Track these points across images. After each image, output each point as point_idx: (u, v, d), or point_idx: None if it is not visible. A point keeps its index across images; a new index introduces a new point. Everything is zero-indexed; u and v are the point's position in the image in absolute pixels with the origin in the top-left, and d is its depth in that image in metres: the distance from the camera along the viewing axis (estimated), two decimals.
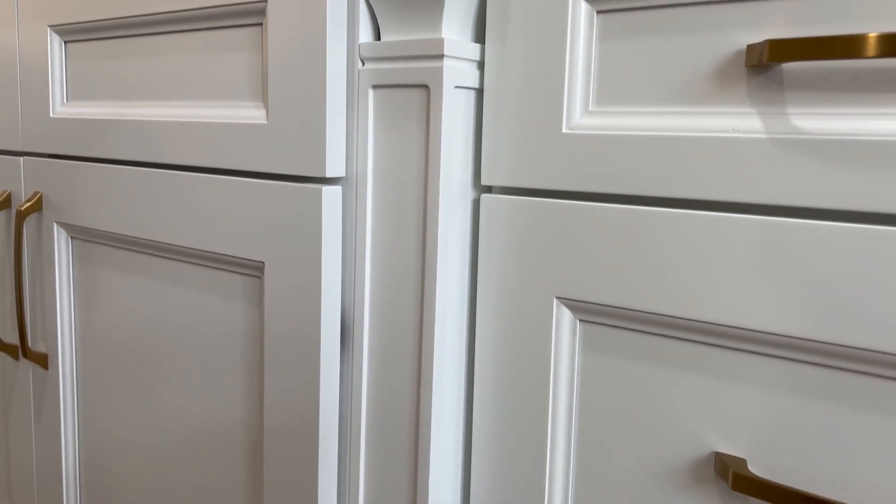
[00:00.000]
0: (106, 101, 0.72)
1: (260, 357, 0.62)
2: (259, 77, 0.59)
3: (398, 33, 0.53)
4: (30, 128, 0.79)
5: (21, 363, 0.85)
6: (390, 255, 0.55)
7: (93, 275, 0.76)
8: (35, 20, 0.76)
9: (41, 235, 0.80)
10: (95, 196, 0.73)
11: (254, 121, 0.59)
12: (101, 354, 0.77)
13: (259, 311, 0.61)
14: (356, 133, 0.55)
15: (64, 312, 0.79)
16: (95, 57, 0.73)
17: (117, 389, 0.76)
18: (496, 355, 0.54)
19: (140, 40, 0.68)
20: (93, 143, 0.72)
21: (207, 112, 0.63)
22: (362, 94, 0.54)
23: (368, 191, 0.55)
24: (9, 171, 0.83)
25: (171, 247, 0.67)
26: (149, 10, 0.65)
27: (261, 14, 0.58)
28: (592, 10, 0.48)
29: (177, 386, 0.70)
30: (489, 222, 0.53)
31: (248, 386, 0.63)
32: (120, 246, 0.73)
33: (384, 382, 0.56)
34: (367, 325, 0.56)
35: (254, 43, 0.59)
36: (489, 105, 0.52)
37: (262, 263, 0.60)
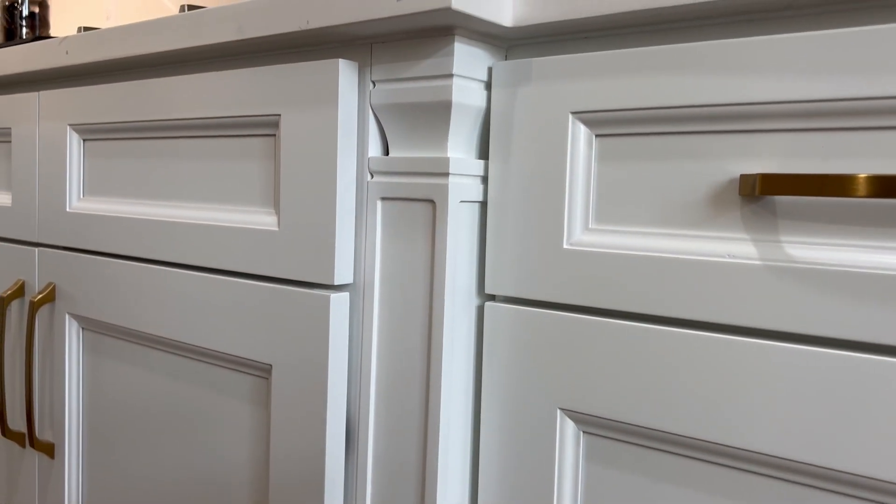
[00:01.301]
0: (121, 199, 0.74)
1: (265, 456, 0.62)
2: (271, 185, 0.61)
3: (406, 149, 0.55)
4: (46, 220, 0.81)
5: (27, 451, 0.86)
6: (396, 360, 0.56)
7: (101, 366, 0.77)
8: (56, 118, 0.79)
9: (53, 325, 0.81)
10: (107, 290, 0.75)
11: (265, 227, 0.60)
12: (107, 446, 0.77)
13: (266, 411, 0.62)
14: (364, 242, 0.57)
15: (72, 402, 0.80)
16: (112, 155, 0.75)
17: (122, 481, 0.76)
18: (500, 464, 0.54)
19: (156, 142, 0.71)
20: (106, 238, 0.74)
21: (220, 215, 0.65)
22: (371, 205, 0.56)
23: (375, 297, 0.57)
24: (24, 261, 0.85)
25: (181, 344, 0.68)
26: (166, 116, 0.68)
27: (274, 126, 0.60)
28: (591, 133, 0.50)
29: (184, 481, 0.70)
30: (493, 330, 0.54)
31: (252, 480, 0.64)
32: (130, 339, 0.74)
33: (387, 488, 0.56)
34: (372, 429, 0.57)
35: (267, 152, 0.61)
36: (492, 218, 0.54)
37: (270, 366, 0.61)
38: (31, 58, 0.79)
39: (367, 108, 0.57)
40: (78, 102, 0.76)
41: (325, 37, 0.56)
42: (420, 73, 0.53)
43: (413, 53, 0.53)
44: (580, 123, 0.50)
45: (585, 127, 0.50)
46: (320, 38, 0.57)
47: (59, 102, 0.79)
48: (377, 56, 0.56)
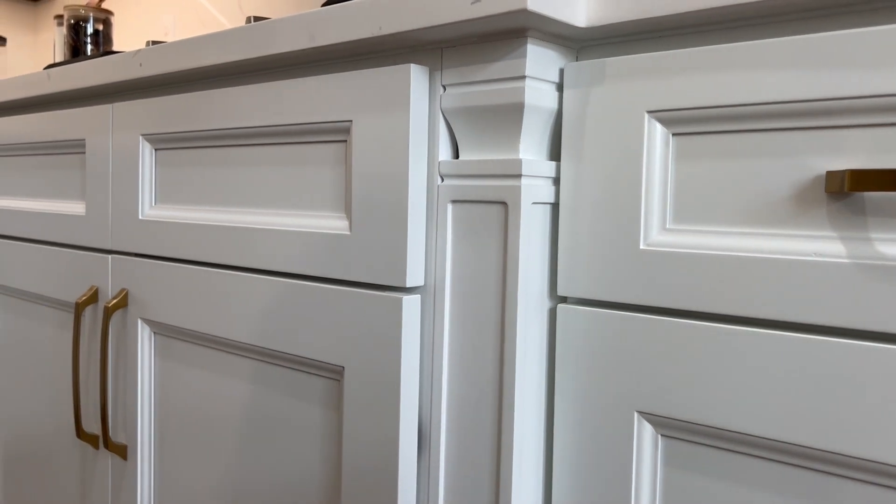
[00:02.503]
0: (192, 206, 0.76)
1: (337, 457, 0.63)
2: (342, 190, 0.62)
3: (477, 152, 0.55)
4: (119, 228, 0.84)
5: (100, 452, 0.88)
6: (468, 363, 0.56)
7: (173, 369, 0.79)
8: (128, 129, 0.82)
9: (125, 330, 0.83)
10: (179, 295, 0.76)
11: (337, 231, 0.61)
12: (178, 447, 0.79)
13: (337, 413, 0.63)
14: (434, 244, 0.57)
15: (144, 405, 0.82)
16: (183, 164, 0.77)
17: (193, 482, 0.77)
18: (575, 468, 0.54)
19: (226, 150, 0.72)
20: (178, 244, 0.76)
21: (291, 220, 0.66)
22: (441, 208, 0.57)
23: (446, 299, 0.57)
24: (97, 268, 0.87)
25: (252, 347, 0.70)
26: (237, 124, 0.69)
27: (345, 132, 0.61)
28: (668, 132, 0.50)
29: (254, 482, 0.71)
30: (566, 333, 0.54)
31: (324, 482, 0.64)
32: (200, 343, 0.76)
33: (460, 491, 0.56)
34: (445, 432, 0.57)
35: (338, 157, 0.62)
36: (565, 220, 0.54)
37: (342, 368, 0.61)
38: (105, 71, 0.81)
39: (437, 112, 0.57)
40: (150, 113, 0.79)
41: (396, 43, 0.57)
42: (491, 75, 0.53)
43: (484, 56, 0.54)
44: (656, 122, 0.50)
45: (662, 126, 0.50)
46: (391, 44, 0.58)
47: (131, 113, 0.81)
48: (447, 60, 0.56)
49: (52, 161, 0.97)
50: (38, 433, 1.02)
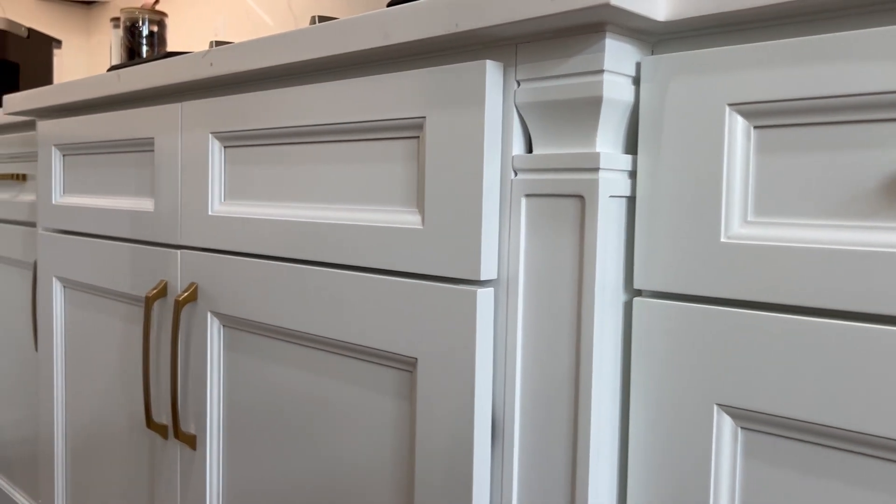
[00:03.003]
0: (261, 202, 0.78)
1: (408, 450, 0.64)
2: (414, 185, 0.63)
3: (551, 146, 0.56)
4: (188, 224, 0.86)
5: (169, 443, 0.91)
6: (542, 355, 0.56)
7: (241, 361, 0.81)
8: (198, 127, 0.84)
9: (194, 323, 0.86)
10: (248, 288, 0.78)
11: (409, 225, 0.62)
12: (247, 438, 0.81)
13: (409, 404, 0.64)
14: (508, 238, 0.58)
15: (213, 396, 0.84)
16: (252, 161, 0.79)
17: (261, 472, 0.79)
18: (651, 461, 0.54)
19: (296, 147, 0.74)
20: (248, 239, 0.78)
21: (361, 215, 0.68)
22: (515, 202, 0.57)
23: (519, 292, 0.57)
24: (166, 263, 0.90)
25: (323, 339, 0.71)
26: (307, 122, 0.71)
27: (418, 128, 0.62)
28: (749, 125, 0.50)
29: (323, 473, 0.72)
30: (643, 326, 0.54)
31: (394, 472, 0.65)
32: (270, 336, 0.78)
33: (535, 484, 0.57)
34: (518, 424, 0.58)
35: (410, 153, 0.63)
36: (642, 213, 0.54)
37: (415, 359, 0.62)
38: (176, 71, 0.84)
39: (511, 107, 0.58)
40: (220, 111, 0.81)
41: (471, 39, 0.58)
42: (568, 70, 0.54)
43: (561, 51, 0.54)
44: (737, 115, 0.50)
45: (743, 118, 0.50)
46: (466, 40, 0.58)
47: (201, 112, 0.83)
48: (522, 55, 0.57)
49: (121, 159, 1.00)
50: (106, 422, 1.05)
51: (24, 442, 1.44)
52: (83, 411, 1.10)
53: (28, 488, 1.43)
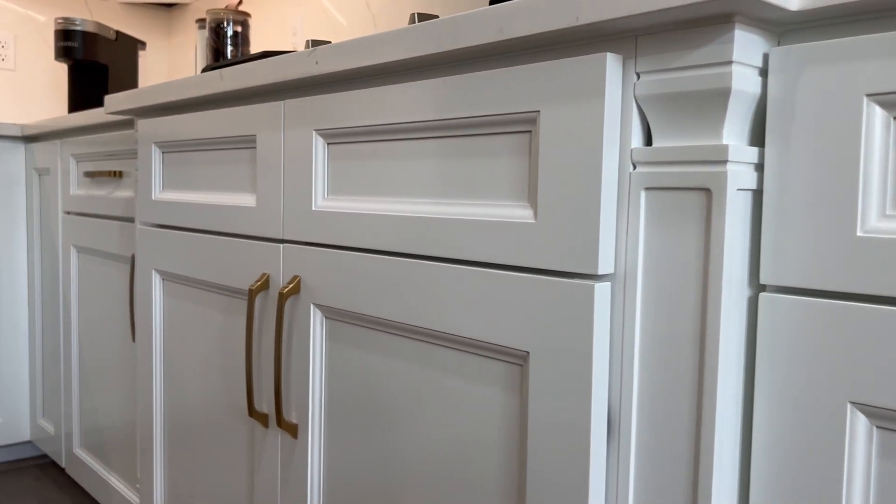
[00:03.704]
0: (364, 197, 0.80)
1: (518, 442, 0.65)
2: (525, 179, 0.63)
3: (673, 139, 0.55)
4: (291, 219, 0.89)
5: (270, 431, 0.93)
6: (662, 350, 0.56)
7: (343, 352, 0.83)
8: (301, 125, 0.86)
9: (297, 315, 0.88)
10: (352, 281, 0.80)
11: (521, 219, 0.63)
12: (348, 428, 0.83)
13: (519, 397, 0.64)
14: (626, 232, 0.58)
15: (315, 386, 0.87)
16: (356, 157, 0.81)
17: (362, 462, 0.81)
18: (777, 460, 0.53)
19: (400, 143, 0.75)
20: (351, 233, 0.80)
21: (468, 210, 0.68)
22: (633, 195, 0.57)
23: (638, 287, 0.57)
24: (269, 257, 0.93)
25: (427, 330, 0.72)
26: (414, 118, 0.72)
27: (530, 122, 0.62)
28: (889, 116, 0.48)
29: (424, 463, 0.74)
30: (770, 322, 0.53)
31: (502, 465, 0.66)
32: (373, 327, 0.79)
33: (652, 482, 0.57)
34: (635, 420, 0.58)
35: (521, 148, 0.64)
36: (769, 206, 0.53)
37: (527, 353, 0.63)
38: (280, 70, 0.86)
39: (630, 100, 0.57)
40: (324, 109, 0.83)
41: (589, 32, 0.58)
42: (694, 61, 0.53)
43: (685, 43, 0.54)
44: (876, 105, 0.48)
45: (882, 109, 0.48)
46: (584, 33, 0.58)
47: (304, 110, 0.86)
48: (643, 48, 0.56)
49: (221, 156, 1.03)
50: (203, 410, 1.09)
51: (119, 428, 1.50)
52: (181, 399, 1.15)
53: (123, 473, 1.49)
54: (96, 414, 1.60)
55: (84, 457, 1.66)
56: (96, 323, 1.59)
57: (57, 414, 1.79)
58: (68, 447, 1.74)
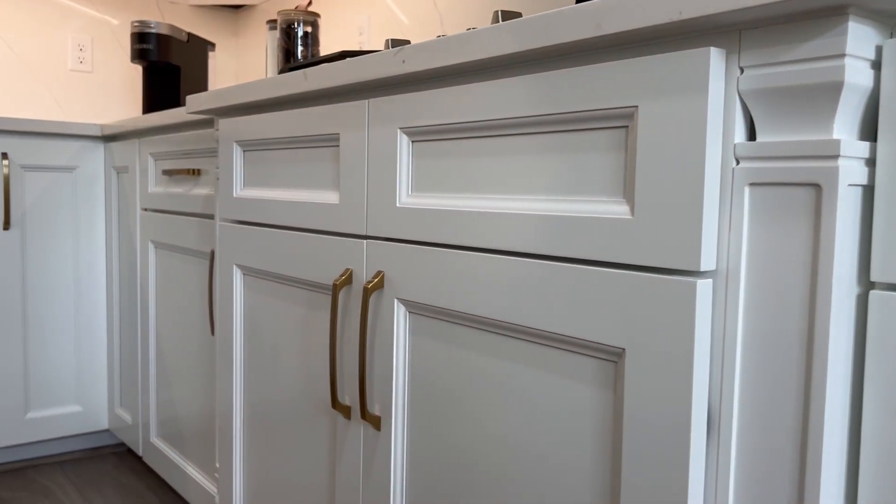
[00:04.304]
0: (450, 193, 0.81)
1: (612, 440, 0.65)
2: (621, 175, 0.63)
3: (779, 134, 0.55)
4: (375, 215, 0.90)
5: (352, 423, 0.95)
6: (767, 348, 0.55)
7: (426, 346, 0.84)
8: (386, 123, 0.88)
9: (380, 310, 0.90)
10: (437, 276, 0.81)
11: (617, 215, 0.63)
12: (430, 421, 0.84)
13: (613, 394, 0.64)
14: (728, 229, 0.57)
15: (398, 379, 0.88)
16: (441, 155, 0.82)
17: (445, 455, 0.82)
18: (889, 463, 0.52)
19: (487, 141, 0.76)
20: (437, 230, 0.81)
21: (558, 206, 0.68)
22: (737, 191, 0.56)
23: (741, 283, 0.57)
24: (352, 253, 0.94)
25: (514, 326, 0.73)
26: (502, 115, 0.72)
27: (628, 118, 0.62)
28: None
29: (511, 458, 0.74)
30: (881, 320, 0.52)
31: (595, 461, 0.66)
32: (458, 322, 0.80)
33: (754, 481, 0.56)
34: (736, 419, 0.57)
35: (616, 143, 0.63)
36: (881, 202, 0.52)
37: (623, 350, 0.63)
38: (366, 69, 0.87)
39: (733, 95, 0.57)
40: (409, 107, 0.84)
41: (691, 27, 0.57)
42: (803, 55, 0.52)
43: (794, 36, 0.53)
44: None
45: None
46: (685, 28, 0.58)
47: (389, 108, 0.87)
48: (747, 41, 0.56)
49: (303, 154, 1.05)
50: (283, 401, 1.12)
51: (196, 419, 1.55)
52: (260, 391, 1.18)
53: (200, 462, 1.54)
54: (173, 405, 1.66)
55: (161, 446, 1.72)
56: (173, 316, 1.64)
57: (134, 404, 1.86)
58: (145, 436, 1.80)
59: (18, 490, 1.83)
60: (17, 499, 1.78)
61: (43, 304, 1.93)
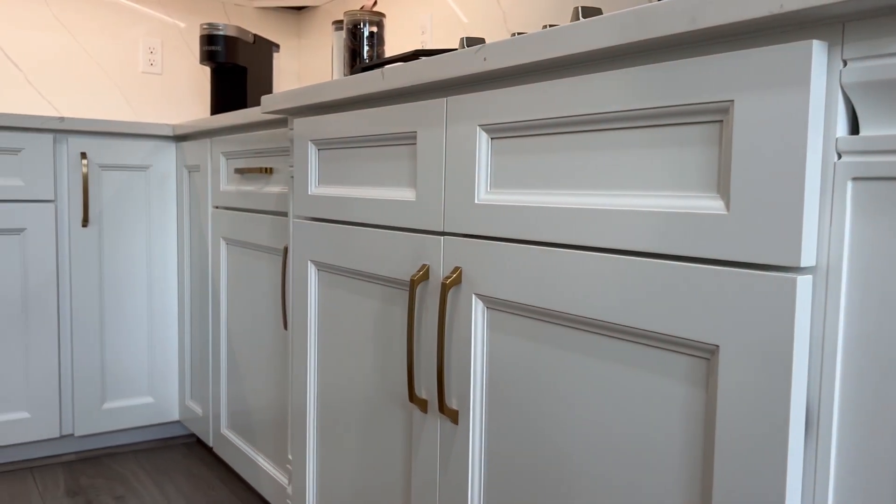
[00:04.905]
0: (532, 190, 0.81)
1: (703, 439, 0.64)
2: (714, 170, 0.63)
3: (885, 128, 0.53)
4: (452, 212, 0.91)
5: (429, 416, 0.96)
6: (871, 346, 0.54)
7: (504, 342, 0.85)
8: (464, 121, 0.88)
9: (458, 305, 0.91)
10: (517, 272, 0.81)
11: (711, 211, 0.62)
12: (509, 416, 0.84)
13: (705, 392, 0.64)
14: (829, 224, 0.56)
15: (476, 374, 0.89)
16: (520, 151, 0.82)
17: (524, 450, 0.82)
18: None
19: (570, 136, 0.76)
20: (516, 226, 0.81)
21: (646, 201, 0.68)
22: (839, 186, 0.55)
23: (843, 281, 0.55)
24: (429, 249, 0.96)
25: (599, 322, 0.72)
26: (590, 111, 0.72)
27: (722, 112, 0.62)
28: None
29: (593, 455, 0.74)
30: None
31: (686, 457, 0.66)
32: (538, 318, 0.80)
33: (855, 482, 0.55)
34: (836, 418, 0.56)
35: (710, 138, 0.63)
36: None
37: (716, 347, 0.62)
38: (447, 68, 0.88)
39: (835, 88, 0.56)
40: (488, 105, 0.85)
41: (791, 20, 0.56)
42: None
43: None
44: None
45: None
46: (785, 21, 0.57)
47: (468, 106, 0.88)
48: (850, 33, 0.55)
49: (380, 152, 1.07)
50: (357, 394, 1.14)
51: (267, 411, 1.59)
52: (334, 384, 1.20)
53: (271, 453, 1.58)
54: (244, 397, 1.70)
55: (231, 437, 1.77)
56: (244, 310, 1.68)
57: (204, 396, 1.92)
58: (216, 428, 1.85)
59: (96, 477, 1.90)
60: (95, 485, 1.85)
61: (118, 298, 2.00)
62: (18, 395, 1.88)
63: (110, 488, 1.83)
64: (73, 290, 1.93)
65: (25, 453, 1.97)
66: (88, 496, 1.79)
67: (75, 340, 1.94)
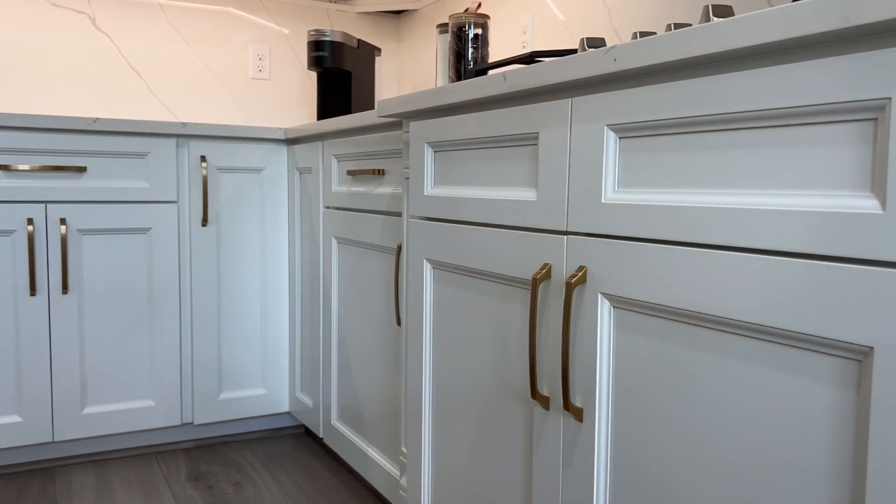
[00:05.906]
0: (664, 189, 0.81)
1: (854, 444, 0.63)
2: (868, 168, 0.61)
3: None
4: (577, 211, 0.92)
5: (551, 413, 0.98)
6: None
7: (634, 342, 0.85)
8: (590, 121, 0.89)
9: (582, 304, 0.92)
10: (649, 272, 0.82)
11: (865, 210, 0.61)
12: (637, 416, 0.85)
13: (856, 394, 0.63)
14: None
15: (602, 372, 0.89)
16: (651, 150, 0.82)
17: (654, 452, 0.83)
18: None
19: (706, 135, 0.75)
20: (648, 225, 0.81)
21: (790, 201, 0.67)
22: None
23: None
24: (551, 248, 0.97)
25: (737, 322, 0.72)
26: (726, 110, 0.72)
27: (878, 110, 0.60)
28: None
29: (732, 458, 0.74)
30: None
31: (833, 470, 0.64)
32: (670, 318, 0.80)
33: None
34: None
35: (863, 136, 0.62)
36: None
37: (870, 348, 0.61)
38: (573, 69, 0.89)
39: None
40: (617, 105, 0.85)
41: None
42: None
43: None
44: None
45: None
46: None
47: (595, 106, 0.88)
48: None
49: (498, 153, 1.09)
50: (474, 390, 1.16)
51: (379, 405, 1.64)
52: (449, 380, 1.23)
53: (382, 446, 1.63)
54: (354, 390, 1.76)
55: (342, 429, 1.84)
56: (355, 307, 1.74)
57: (315, 389, 1.99)
58: (326, 419, 1.92)
59: (213, 464, 2.01)
60: (213, 472, 1.96)
61: (234, 294, 2.11)
62: (144, 385, 2.01)
63: (227, 475, 1.93)
64: (194, 286, 2.05)
65: (149, 439, 2.10)
66: (208, 481, 1.89)
67: (195, 333, 2.06)
